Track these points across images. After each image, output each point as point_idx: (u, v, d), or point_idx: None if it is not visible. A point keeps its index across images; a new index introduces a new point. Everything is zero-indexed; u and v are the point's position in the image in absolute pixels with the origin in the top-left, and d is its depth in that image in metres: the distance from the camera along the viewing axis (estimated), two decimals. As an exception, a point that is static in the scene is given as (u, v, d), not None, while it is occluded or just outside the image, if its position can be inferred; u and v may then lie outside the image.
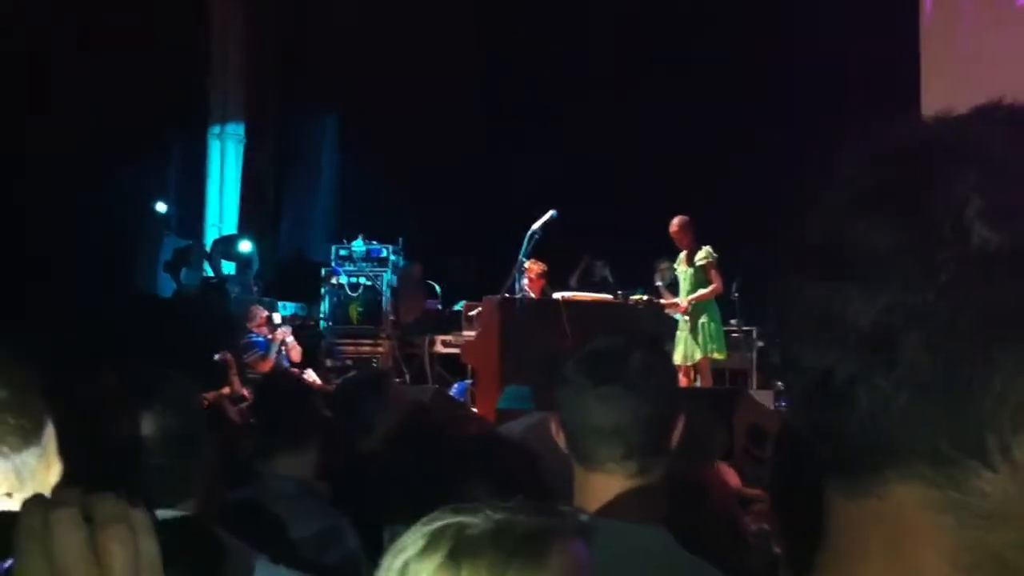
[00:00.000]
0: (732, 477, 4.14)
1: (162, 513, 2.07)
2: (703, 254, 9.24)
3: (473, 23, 13.76)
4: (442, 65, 13.20)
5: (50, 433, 1.13)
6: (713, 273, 9.24)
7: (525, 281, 8.88)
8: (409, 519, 1.22)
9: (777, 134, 11.28)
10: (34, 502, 0.76)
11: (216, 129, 14.22)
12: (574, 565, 1.15)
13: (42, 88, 11.03)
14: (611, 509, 1.65)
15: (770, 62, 11.83)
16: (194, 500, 2.22)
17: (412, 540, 1.16)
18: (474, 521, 1.15)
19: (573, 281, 9.92)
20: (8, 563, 0.76)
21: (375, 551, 1.22)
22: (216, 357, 9.71)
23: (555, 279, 9.79)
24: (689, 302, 9.27)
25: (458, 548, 1.13)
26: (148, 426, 2.16)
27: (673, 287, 9.64)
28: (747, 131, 11.62)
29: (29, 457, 1.18)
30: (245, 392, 9.10)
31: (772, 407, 7.37)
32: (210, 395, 8.22)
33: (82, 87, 11.13)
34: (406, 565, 1.14)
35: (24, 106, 10.70)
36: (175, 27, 12.48)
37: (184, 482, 2.19)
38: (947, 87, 10.07)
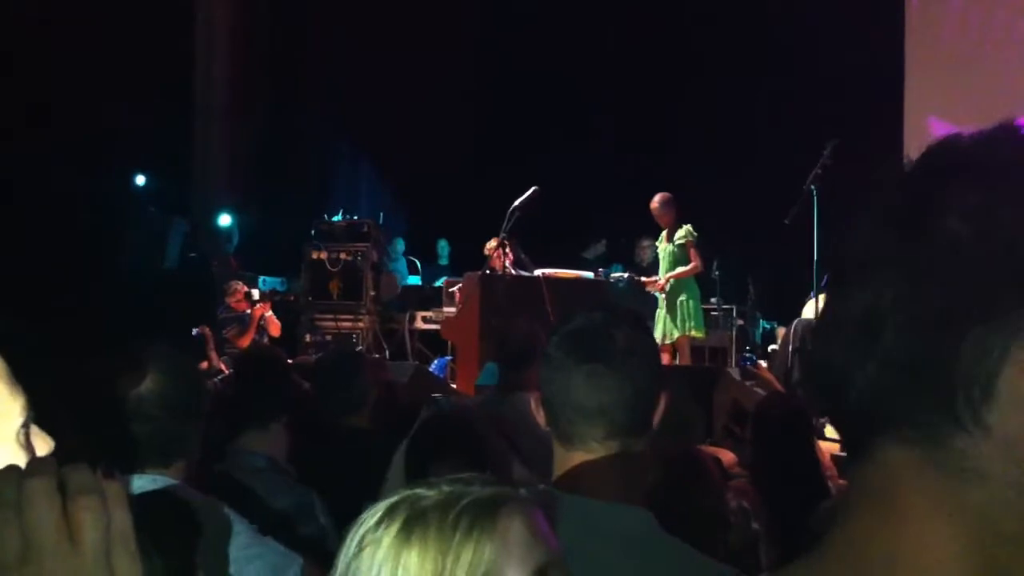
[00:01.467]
0: (726, 456, 4.15)
1: (151, 476, 2.10)
2: (683, 232, 9.22)
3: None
4: (429, 45, 13.16)
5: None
6: (693, 251, 9.23)
7: (500, 258, 8.88)
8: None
9: (762, 119, 11.31)
10: (8, 472, 0.75)
11: (200, 104, 14.10)
12: (525, 533, 1.15)
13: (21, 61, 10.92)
14: (592, 488, 1.63)
15: (759, 38, 11.83)
16: (185, 463, 2.24)
17: (370, 514, 1.18)
18: (428, 493, 1.16)
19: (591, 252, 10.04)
20: None
21: (345, 528, 1.24)
22: (194, 331, 9.66)
23: (537, 255, 9.82)
24: (667, 279, 9.27)
25: (409, 519, 1.14)
26: (145, 389, 2.18)
27: (654, 266, 9.65)
28: (734, 113, 11.63)
29: None
30: (223, 366, 9.06)
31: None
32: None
33: (65, 63, 11.02)
34: (363, 538, 1.16)
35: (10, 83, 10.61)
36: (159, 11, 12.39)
37: (178, 445, 2.21)
38: (930, 81, 10.11)
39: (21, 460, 0.97)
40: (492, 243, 9.07)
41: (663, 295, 9.37)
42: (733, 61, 11.95)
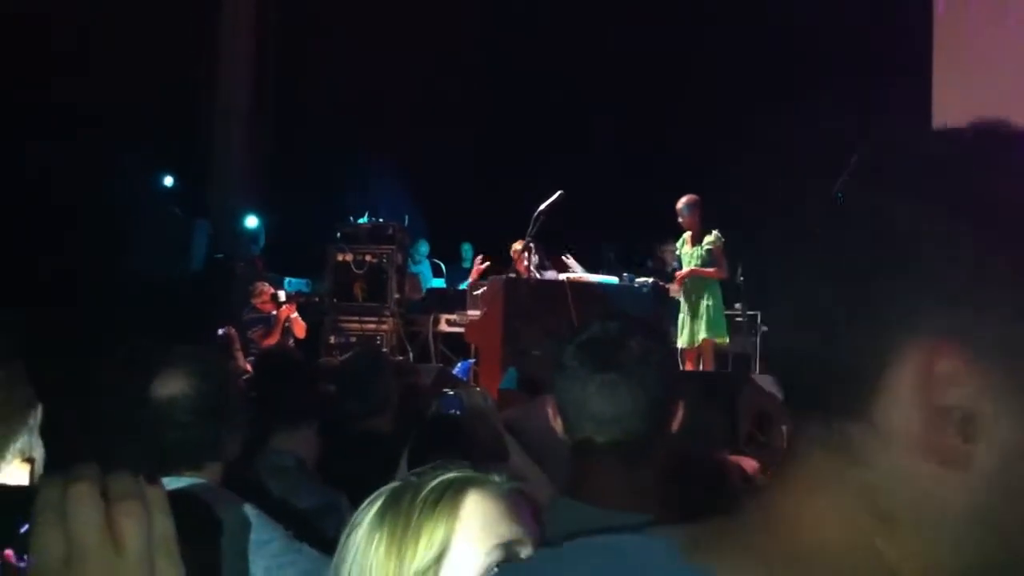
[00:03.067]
0: (749, 463, 4.13)
1: (187, 479, 2.10)
2: (712, 238, 9.15)
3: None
4: (448, 46, 13.18)
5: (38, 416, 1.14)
6: (720, 257, 9.18)
7: (536, 259, 8.90)
8: None
9: (782, 123, 11.25)
10: (52, 477, 0.77)
11: (222, 105, 14.18)
12: (486, 511, 1.21)
13: (44, 62, 11.03)
14: (606, 496, 1.65)
15: (782, 51, 11.79)
16: (221, 464, 2.24)
17: (362, 506, 1.27)
18: (411, 480, 1.25)
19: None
20: (24, 527, 0.78)
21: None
22: (219, 332, 9.72)
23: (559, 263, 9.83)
24: (690, 272, 9.18)
25: (386, 502, 1.23)
26: (177, 392, 2.18)
27: (676, 269, 9.61)
28: (755, 116, 11.58)
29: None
30: (248, 367, 9.11)
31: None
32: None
33: (86, 63, 11.12)
34: (352, 523, 1.25)
35: (27, 78, 10.70)
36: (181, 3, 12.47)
37: (210, 447, 2.21)
38: (959, 74, 10.03)
39: (23, 472, 0.99)
40: (518, 245, 9.09)
41: (684, 299, 9.31)
42: (763, 71, 11.91)
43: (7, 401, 1.08)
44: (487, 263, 11.01)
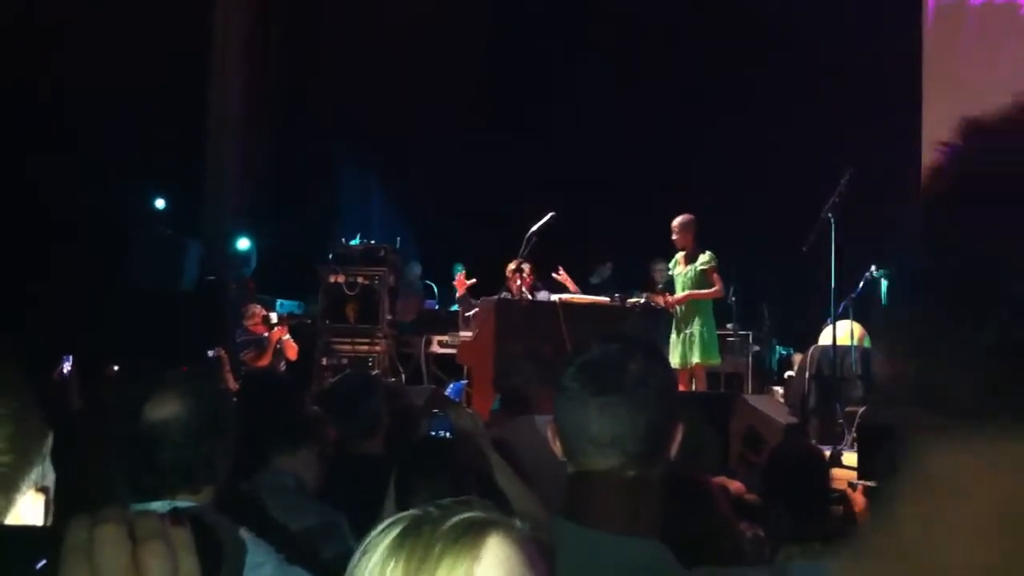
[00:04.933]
0: (735, 485, 4.13)
1: (181, 503, 2.10)
2: (706, 258, 9.13)
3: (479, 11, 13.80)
4: (445, 64, 13.21)
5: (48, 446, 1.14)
6: (715, 277, 9.17)
7: (518, 283, 8.91)
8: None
9: (775, 136, 11.31)
10: (80, 518, 0.79)
11: (214, 126, 14.19)
12: (507, 558, 1.18)
13: (39, 73, 11.03)
14: (605, 519, 1.64)
15: (776, 67, 11.84)
16: (214, 487, 2.24)
17: (377, 530, 1.24)
18: (432, 511, 1.22)
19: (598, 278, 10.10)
20: (40, 564, 0.81)
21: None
22: (210, 353, 9.71)
23: (550, 280, 9.86)
24: (687, 296, 9.17)
25: (405, 530, 1.20)
26: (171, 415, 2.19)
27: (667, 288, 9.62)
28: (752, 140, 11.64)
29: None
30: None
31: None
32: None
33: (80, 76, 11.11)
34: (366, 545, 1.22)
35: (20, 93, 10.70)
36: (177, 17, 12.47)
37: (205, 469, 2.21)
38: (948, 96, 10.09)
39: (38, 503, 1.00)
40: (513, 265, 9.10)
41: (677, 320, 9.31)
42: (750, 88, 11.96)
43: (23, 432, 1.08)
44: (473, 280, 11.06)
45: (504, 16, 13.72)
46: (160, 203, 13.29)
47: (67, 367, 7.62)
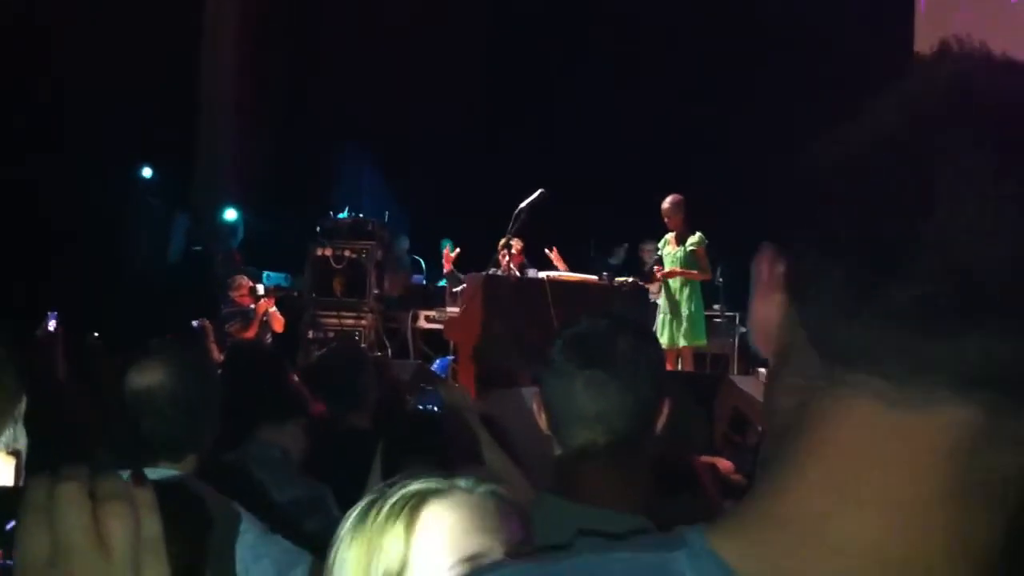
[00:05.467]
0: (723, 464, 4.14)
1: (164, 470, 2.12)
2: (696, 239, 9.14)
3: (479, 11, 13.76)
4: (441, 45, 13.17)
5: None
6: (703, 258, 9.19)
7: (506, 259, 8.89)
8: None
9: (764, 125, 11.29)
10: (39, 477, 0.77)
11: (206, 99, 14.10)
12: (451, 524, 1.19)
13: (36, 57, 10.98)
14: (590, 494, 1.63)
15: (767, 62, 11.84)
16: (196, 456, 2.25)
17: (344, 518, 1.28)
18: (383, 490, 1.25)
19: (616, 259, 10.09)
20: (10, 524, 0.80)
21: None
22: (194, 324, 9.68)
23: (541, 258, 9.84)
24: (674, 273, 9.17)
25: (364, 509, 1.23)
26: (156, 384, 2.19)
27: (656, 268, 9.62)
28: (744, 120, 11.62)
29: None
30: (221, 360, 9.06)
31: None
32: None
33: (77, 75, 11.07)
34: (336, 539, 1.25)
35: (19, 77, 10.66)
36: (173, 15, 12.42)
37: (189, 439, 2.23)
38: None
39: (9, 465, 0.98)
40: (503, 241, 9.08)
41: (666, 299, 9.32)
42: (745, 74, 11.96)
43: None
44: (457, 250, 11.03)
45: (504, 16, 13.67)
46: (147, 172, 13.21)
47: (52, 324, 7.58)
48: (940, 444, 0.59)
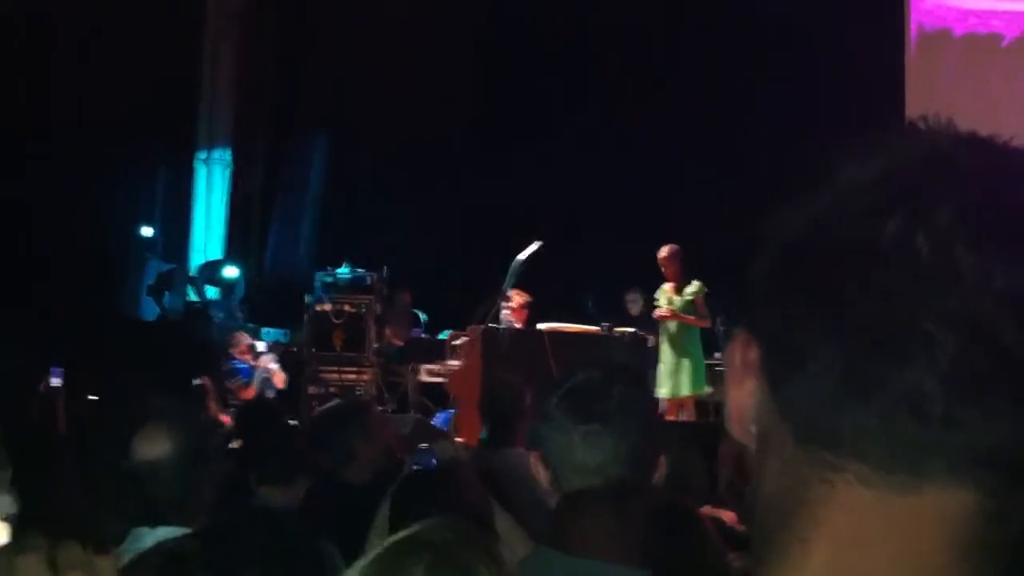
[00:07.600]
0: (727, 515, 4.09)
1: (172, 530, 2.13)
2: (695, 288, 9.13)
3: (471, 47, 13.81)
4: (434, 90, 13.22)
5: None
6: (703, 306, 9.17)
7: (507, 312, 8.87)
8: None
9: (758, 167, 11.34)
10: (2, 548, 0.78)
11: (203, 154, 14.21)
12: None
13: (33, 106, 11.05)
14: (590, 547, 1.63)
15: (757, 100, 11.90)
16: (200, 513, 2.27)
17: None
18: (379, 552, 1.29)
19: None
20: None
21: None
22: (195, 382, 9.66)
23: (541, 309, 9.81)
24: (675, 317, 9.14)
25: (368, 562, 1.27)
26: (160, 451, 2.22)
27: (642, 318, 9.61)
28: (736, 166, 11.66)
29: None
30: (223, 419, 9.02)
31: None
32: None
33: (70, 107, 11.13)
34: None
35: (15, 122, 10.72)
36: (165, 50, 12.49)
37: (192, 498, 2.26)
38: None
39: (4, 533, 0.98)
40: (519, 297, 9.07)
41: (668, 347, 9.27)
42: (735, 110, 12.01)
43: None
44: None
45: (499, 25, 13.73)
46: (147, 231, 13.27)
47: (55, 380, 7.56)
48: (939, 530, 0.58)
